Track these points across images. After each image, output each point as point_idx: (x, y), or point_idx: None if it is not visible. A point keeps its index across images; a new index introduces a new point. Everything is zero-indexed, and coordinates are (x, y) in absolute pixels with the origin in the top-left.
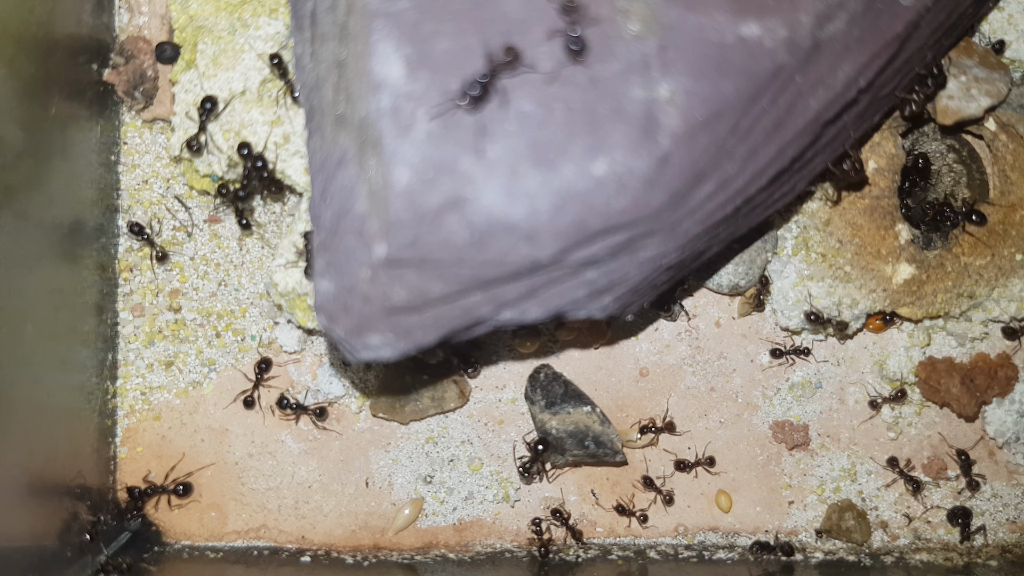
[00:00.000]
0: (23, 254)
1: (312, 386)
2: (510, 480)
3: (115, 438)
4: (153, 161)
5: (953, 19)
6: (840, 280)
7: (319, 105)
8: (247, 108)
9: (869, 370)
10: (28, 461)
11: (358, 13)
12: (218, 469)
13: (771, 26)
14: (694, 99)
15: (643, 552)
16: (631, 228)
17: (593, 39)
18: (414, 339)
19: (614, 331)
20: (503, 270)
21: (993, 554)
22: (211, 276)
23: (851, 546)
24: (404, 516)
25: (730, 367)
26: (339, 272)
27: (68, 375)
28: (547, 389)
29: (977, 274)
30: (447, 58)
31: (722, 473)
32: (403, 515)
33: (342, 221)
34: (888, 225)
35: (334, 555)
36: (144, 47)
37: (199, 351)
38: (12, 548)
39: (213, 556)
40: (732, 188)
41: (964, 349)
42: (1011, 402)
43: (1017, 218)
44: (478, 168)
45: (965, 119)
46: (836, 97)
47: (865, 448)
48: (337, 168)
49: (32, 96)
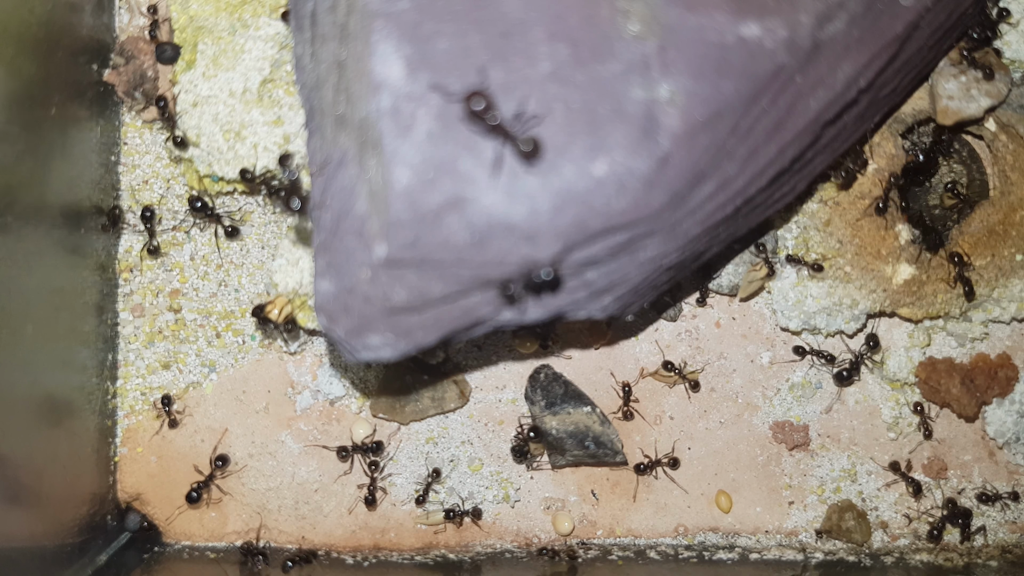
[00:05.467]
0: (23, 254)
1: (312, 386)
2: (510, 480)
3: (115, 438)
4: (153, 161)
5: (953, 19)
6: (840, 280)
7: (319, 106)
8: (247, 108)
9: (869, 370)
10: (28, 461)
11: (358, 13)
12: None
13: (771, 27)
14: (694, 99)
15: (643, 552)
16: (631, 228)
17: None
18: (414, 339)
19: (614, 331)
20: (503, 270)
21: (993, 554)
22: (211, 276)
23: (851, 546)
24: (439, 516)
25: (730, 367)
26: (339, 272)
27: (68, 375)
28: (547, 389)
29: (977, 274)
30: (447, 58)
31: (722, 473)
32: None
33: (342, 221)
34: (888, 225)
35: (334, 555)
36: (144, 47)
37: (199, 351)
38: (12, 548)
39: (213, 556)
40: (732, 188)
41: (964, 349)
42: (1011, 402)
43: (1017, 218)
44: (478, 168)
45: (965, 119)
46: (836, 97)
47: (865, 448)
48: (337, 168)
49: (32, 96)
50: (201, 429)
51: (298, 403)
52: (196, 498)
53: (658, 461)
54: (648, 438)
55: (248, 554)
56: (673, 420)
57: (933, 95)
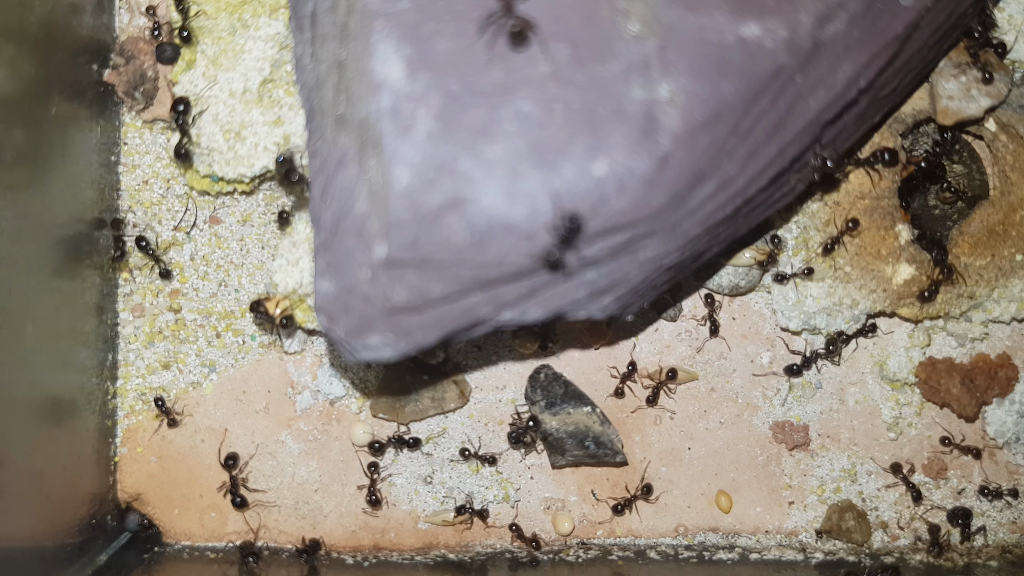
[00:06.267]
0: (23, 254)
1: (312, 386)
2: (510, 480)
3: (115, 438)
4: (153, 161)
5: (953, 19)
6: (840, 280)
7: (319, 106)
8: (247, 108)
9: (869, 371)
10: (28, 462)
11: (358, 13)
12: (218, 469)
13: (771, 27)
14: (694, 100)
15: (643, 552)
16: (631, 229)
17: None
18: (414, 339)
19: (614, 331)
20: (503, 270)
21: (993, 554)
22: (211, 276)
23: (851, 546)
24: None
25: (730, 367)
26: (339, 272)
27: (68, 375)
28: (547, 389)
29: (977, 274)
30: (447, 58)
31: (722, 473)
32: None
33: (342, 221)
34: (888, 225)
35: (334, 555)
36: (144, 47)
37: (199, 351)
38: (12, 548)
39: (213, 556)
40: (732, 188)
41: (964, 349)
42: (1011, 402)
43: (1017, 218)
44: (478, 168)
45: (965, 119)
46: (836, 97)
47: (865, 448)
48: (337, 168)
49: (32, 96)
50: (201, 429)
51: (298, 403)
52: (241, 502)
53: (634, 497)
54: (648, 438)
55: (246, 554)
56: (673, 420)
57: (933, 95)
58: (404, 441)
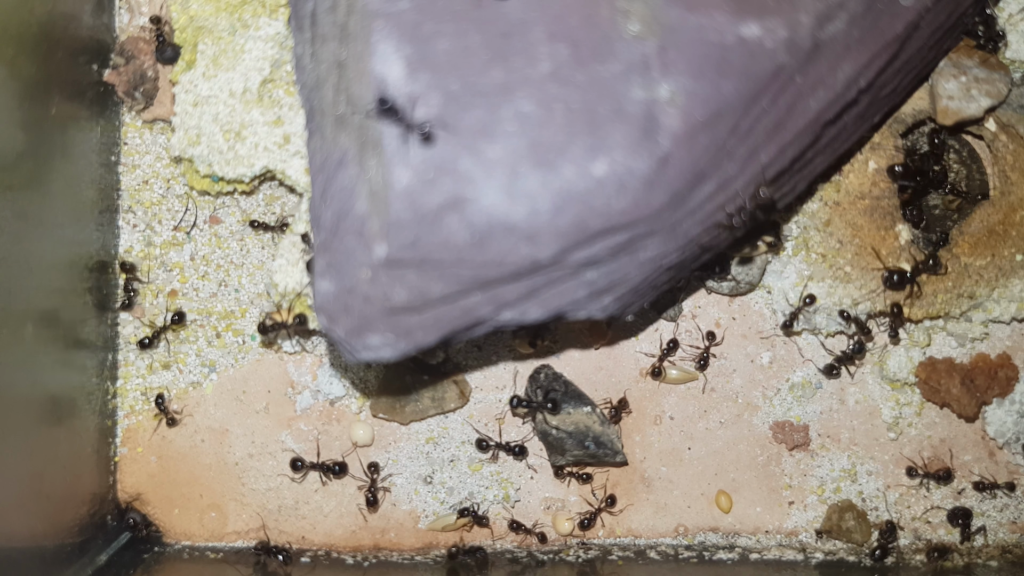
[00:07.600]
0: (23, 254)
1: (312, 386)
2: (510, 480)
3: (115, 438)
4: (153, 161)
5: (953, 20)
6: (840, 280)
7: (319, 106)
8: (247, 108)
9: (869, 370)
10: (28, 462)
11: (358, 14)
12: (218, 470)
13: (771, 27)
14: (694, 100)
15: (643, 552)
16: (631, 228)
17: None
18: (414, 339)
19: (614, 331)
20: (503, 270)
21: (993, 554)
22: (211, 276)
23: (851, 546)
24: (451, 519)
25: (730, 367)
26: (339, 272)
27: (68, 375)
28: (547, 389)
29: (977, 274)
30: (447, 58)
31: (722, 473)
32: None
33: (342, 221)
34: (888, 226)
35: (334, 555)
36: (144, 47)
37: (199, 351)
38: (12, 548)
39: (213, 556)
40: (732, 188)
41: (964, 349)
42: (1011, 402)
43: (1017, 218)
44: (478, 168)
45: (965, 119)
46: (836, 97)
47: (865, 448)
48: (337, 168)
49: (32, 96)
50: (201, 429)
51: (298, 403)
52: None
53: (599, 510)
54: (648, 438)
55: (265, 553)
56: (673, 420)
57: (933, 95)
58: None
